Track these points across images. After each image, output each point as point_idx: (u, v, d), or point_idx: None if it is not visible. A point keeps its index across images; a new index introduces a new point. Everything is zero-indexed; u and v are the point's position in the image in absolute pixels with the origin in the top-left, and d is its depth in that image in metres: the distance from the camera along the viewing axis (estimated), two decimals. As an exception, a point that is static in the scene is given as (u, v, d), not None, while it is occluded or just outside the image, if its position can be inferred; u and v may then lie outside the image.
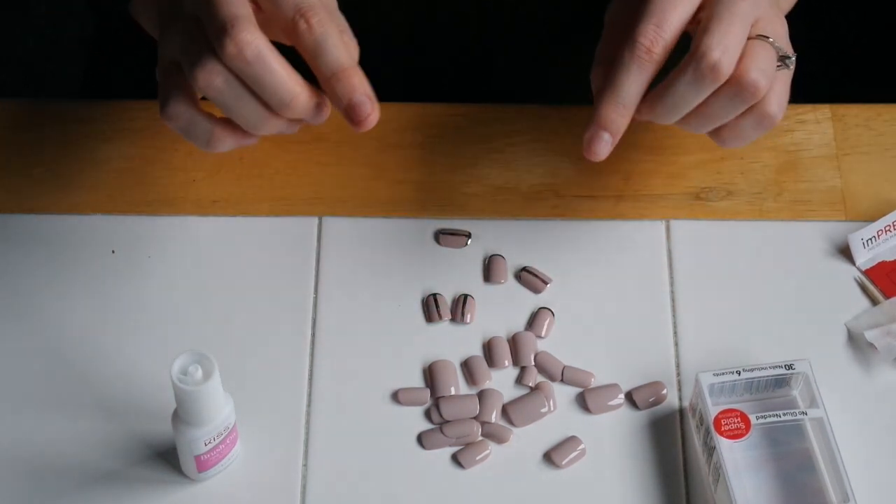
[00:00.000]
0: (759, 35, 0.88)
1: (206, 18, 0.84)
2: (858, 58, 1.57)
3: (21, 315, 0.97)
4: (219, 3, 0.84)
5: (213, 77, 0.84)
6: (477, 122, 1.07)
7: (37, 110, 1.07)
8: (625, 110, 0.88)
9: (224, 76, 0.84)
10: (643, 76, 0.88)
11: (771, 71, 0.88)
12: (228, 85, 0.84)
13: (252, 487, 0.91)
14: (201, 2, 0.85)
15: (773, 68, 0.89)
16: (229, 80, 0.84)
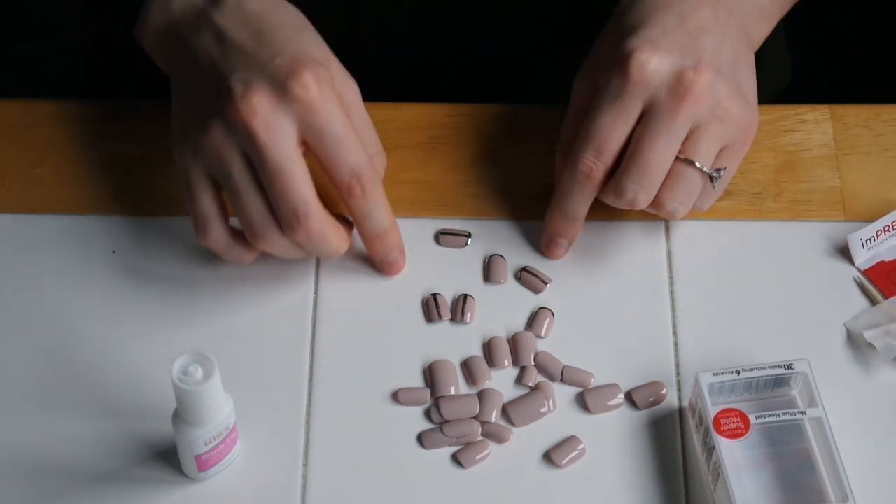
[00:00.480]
0: (686, 158, 0.94)
1: (271, 189, 0.91)
2: (858, 58, 1.57)
3: (21, 315, 0.97)
4: (286, 181, 0.90)
5: (274, 246, 0.93)
6: (477, 122, 1.07)
7: (37, 110, 1.07)
8: (574, 221, 0.98)
9: (285, 244, 0.93)
10: (586, 194, 0.96)
11: (690, 199, 0.95)
12: (286, 249, 0.94)
13: (252, 487, 0.91)
14: (255, 149, 0.91)
15: (694, 194, 0.95)
16: (288, 246, 0.94)
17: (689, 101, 0.92)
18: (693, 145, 0.94)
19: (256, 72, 0.91)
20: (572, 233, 0.98)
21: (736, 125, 0.94)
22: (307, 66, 0.91)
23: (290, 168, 0.90)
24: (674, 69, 0.93)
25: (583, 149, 0.94)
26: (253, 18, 0.95)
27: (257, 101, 0.90)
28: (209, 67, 0.94)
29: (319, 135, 0.91)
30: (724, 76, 0.94)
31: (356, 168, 0.92)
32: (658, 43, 0.93)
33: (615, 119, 0.93)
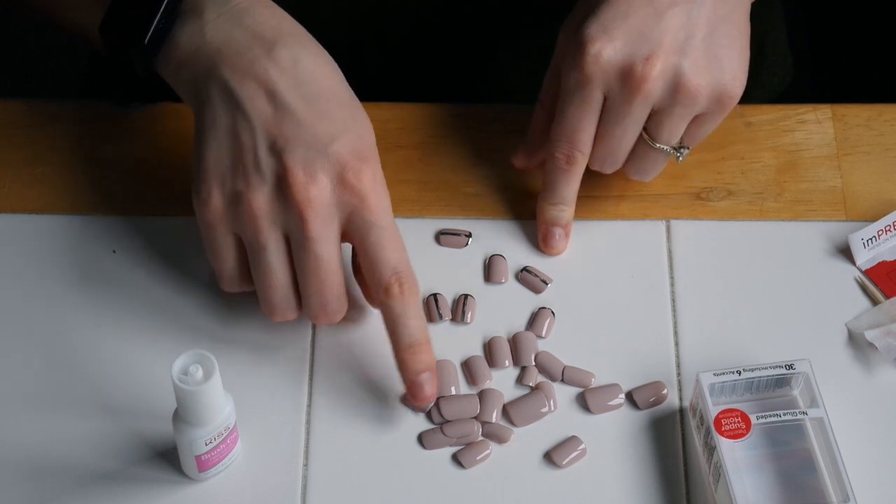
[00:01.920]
0: (648, 139, 0.97)
1: (306, 279, 0.91)
2: (859, 58, 1.57)
3: (21, 315, 0.97)
4: (326, 278, 0.91)
5: (286, 319, 0.94)
6: (477, 122, 1.07)
7: (37, 110, 1.07)
8: (565, 206, 0.99)
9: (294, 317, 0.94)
10: (570, 179, 0.98)
11: (656, 170, 0.99)
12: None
13: (252, 487, 0.91)
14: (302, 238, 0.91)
15: (659, 167, 0.99)
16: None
17: (640, 94, 0.94)
18: (655, 127, 0.96)
19: (314, 153, 0.90)
20: (564, 219, 0.99)
21: (705, 98, 0.95)
22: (367, 160, 0.91)
23: (333, 266, 0.91)
24: (625, 62, 0.94)
25: (557, 141, 0.97)
26: (308, 79, 0.91)
27: (316, 192, 0.89)
28: (259, 126, 0.91)
29: (368, 230, 0.91)
30: (689, 53, 0.94)
31: (398, 267, 0.91)
32: (613, 30, 0.94)
33: (579, 110, 0.96)
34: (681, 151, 0.98)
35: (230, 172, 0.91)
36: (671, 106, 0.95)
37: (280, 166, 0.90)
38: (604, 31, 0.94)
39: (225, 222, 0.92)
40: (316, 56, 0.92)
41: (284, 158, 0.90)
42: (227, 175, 0.91)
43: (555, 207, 0.99)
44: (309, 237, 0.90)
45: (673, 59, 0.94)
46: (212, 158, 0.92)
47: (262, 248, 0.91)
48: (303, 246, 0.90)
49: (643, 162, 0.98)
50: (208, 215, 0.92)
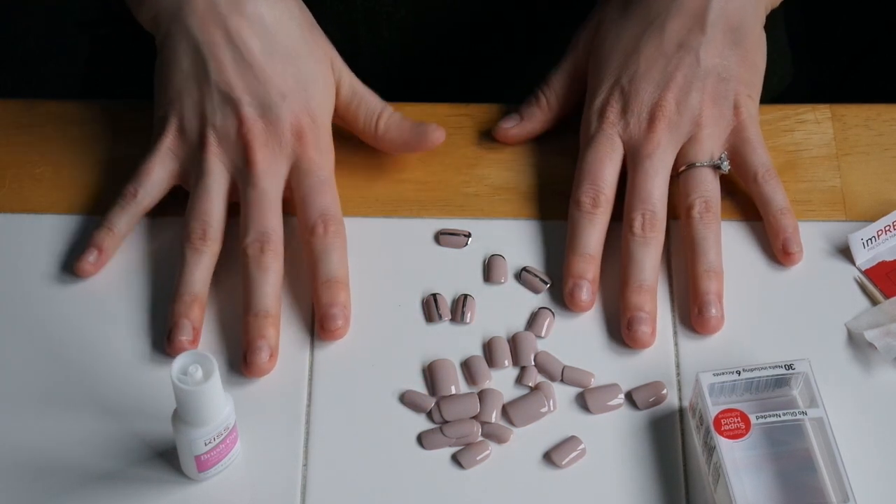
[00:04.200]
0: (687, 165, 0.99)
1: (247, 211, 0.97)
2: (859, 58, 1.57)
3: (21, 315, 0.97)
4: (265, 209, 0.97)
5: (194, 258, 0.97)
6: (477, 122, 1.07)
7: (37, 110, 1.07)
8: (591, 259, 0.98)
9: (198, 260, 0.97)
10: (595, 226, 0.98)
11: (711, 185, 0.99)
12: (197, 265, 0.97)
13: (252, 487, 0.91)
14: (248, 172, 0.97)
15: (714, 182, 1.00)
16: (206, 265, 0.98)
17: (654, 143, 0.99)
18: (685, 156, 1.00)
19: (267, 106, 0.98)
20: (592, 272, 0.98)
21: (729, 110, 1.00)
22: (315, 119, 0.99)
23: (273, 199, 0.97)
24: (641, 113, 0.99)
25: (580, 183, 1.00)
26: (271, 33, 0.99)
27: (264, 138, 0.98)
28: (217, 74, 0.98)
29: (304, 177, 0.97)
30: (700, 77, 0.99)
31: (327, 211, 0.97)
32: (630, 86, 1.00)
33: (600, 152, 0.99)
34: (723, 161, 1.00)
35: (189, 111, 0.98)
36: (696, 134, 1.00)
37: (234, 113, 0.97)
38: (619, 89, 1.00)
39: (175, 149, 0.99)
40: (282, 11, 0.99)
41: (239, 107, 0.97)
42: (184, 112, 0.98)
43: (582, 259, 0.98)
44: (254, 172, 0.97)
45: (681, 97, 0.99)
46: (172, 95, 0.99)
47: (205, 173, 0.97)
48: (248, 181, 0.97)
49: (697, 188, 0.99)
50: (162, 141, 0.99)
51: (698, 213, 0.98)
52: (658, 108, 0.99)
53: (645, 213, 0.97)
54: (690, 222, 0.98)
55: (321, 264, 0.96)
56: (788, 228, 0.98)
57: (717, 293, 0.96)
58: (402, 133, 1.01)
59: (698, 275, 0.97)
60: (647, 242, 0.97)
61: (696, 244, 0.97)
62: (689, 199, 0.98)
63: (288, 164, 0.98)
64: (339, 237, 0.97)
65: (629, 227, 0.98)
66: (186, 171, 0.99)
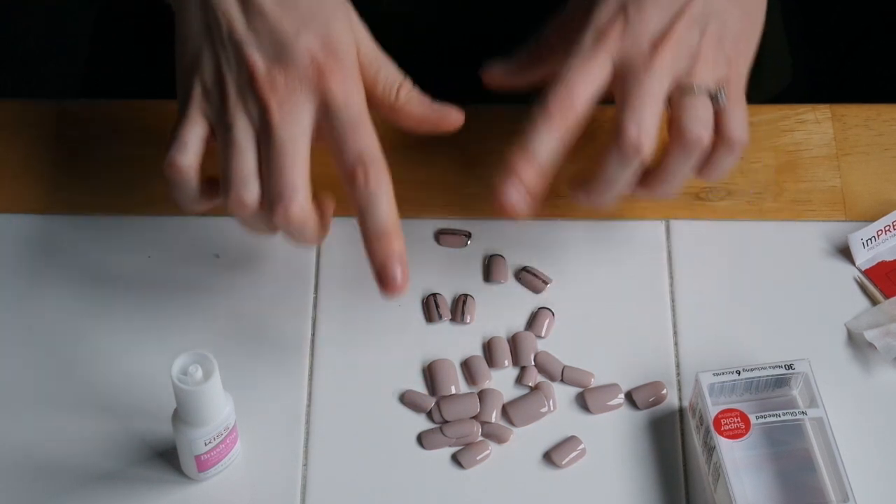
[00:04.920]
0: (682, 89, 0.92)
1: (268, 164, 0.89)
2: (859, 58, 1.57)
3: (21, 315, 0.97)
4: (285, 161, 0.89)
5: (244, 211, 0.90)
6: (477, 122, 1.07)
7: (37, 110, 1.07)
8: (534, 161, 0.91)
9: (254, 214, 0.90)
10: (551, 135, 0.91)
11: (705, 111, 0.92)
12: (254, 220, 0.91)
13: (252, 487, 0.91)
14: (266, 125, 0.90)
15: (708, 109, 0.93)
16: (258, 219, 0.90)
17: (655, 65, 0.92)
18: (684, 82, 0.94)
19: (280, 46, 0.90)
20: (530, 176, 0.92)
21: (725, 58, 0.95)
22: (335, 52, 0.91)
23: (293, 150, 0.90)
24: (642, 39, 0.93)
25: (554, 86, 0.93)
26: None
27: (279, 82, 0.90)
28: (225, 24, 0.92)
29: (333, 118, 0.90)
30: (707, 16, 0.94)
31: (363, 153, 0.90)
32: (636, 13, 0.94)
33: (589, 70, 0.93)
34: (721, 94, 0.94)
35: (207, 71, 0.92)
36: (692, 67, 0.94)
37: (245, 62, 0.90)
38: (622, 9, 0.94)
39: (201, 110, 0.92)
40: None
41: (247, 53, 0.91)
42: (204, 75, 0.92)
43: (524, 158, 0.92)
44: (270, 123, 0.90)
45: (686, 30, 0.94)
46: (190, 59, 0.93)
47: (230, 127, 0.90)
48: (265, 132, 0.90)
49: (692, 112, 0.92)
50: (190, 106, 0.92)
51: (687, 134, 0.92)
52: (664, 36, 0.93)
53: (640, 124, 0.91)
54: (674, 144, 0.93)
55: (368, 217, 0.90)
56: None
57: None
58: (423, 108, 0.95)
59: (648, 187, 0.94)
60: (626, 159, 0.91)
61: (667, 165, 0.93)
62: (682, 120, 0.92)
63: (312, 106, 0.90)
64: (381, 181, 0.90)
65: (615, 136, 0.91)
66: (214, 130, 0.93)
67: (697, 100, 0.93)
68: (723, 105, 0.94)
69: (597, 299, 0.99)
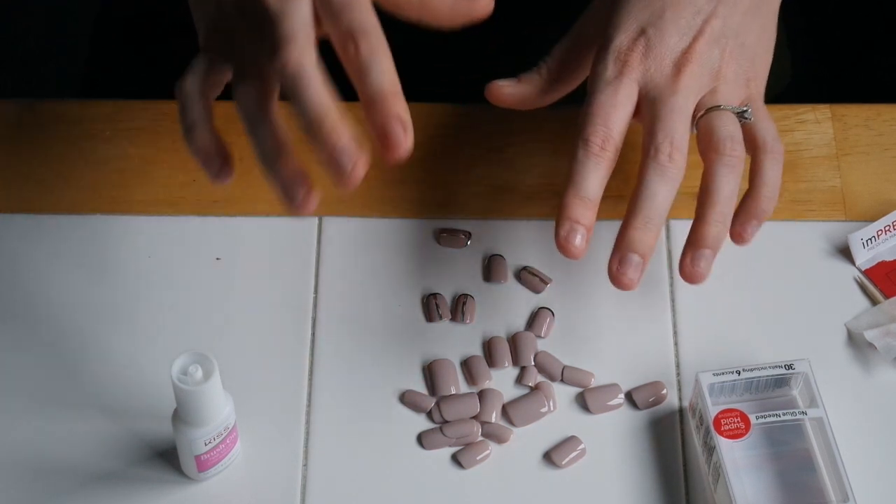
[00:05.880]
0: (708, 108, 0.93)
1: (268, 30, 0.85)
2: (859, 57, 1.57)
3: (21, 315, 0.97)
4: (280, 16, 0.85)
5: (247, 91, 0.86)
6: (477, 122, 1.07)
7: (37, 110, 1.07)
8: (591, 204, 0.91)
9: (255, 94, 0.85)
10: (600, 172, 0.91)
11: (735, 128, 0.93)
12: (256, 103, 0.86)
13: (252, 487, 0.91)
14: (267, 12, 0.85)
15: (737, 126, 0.94)
16: (258, 99, 0.85)
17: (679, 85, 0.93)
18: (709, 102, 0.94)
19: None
20: (589, 218, 0.91)
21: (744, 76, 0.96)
22: None
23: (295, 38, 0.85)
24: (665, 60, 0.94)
25: (589, 121, 0.93)
26: None
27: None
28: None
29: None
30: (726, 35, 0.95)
31: (353, 27, 0.85)
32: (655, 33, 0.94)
33: (613, 96, 0.93)
34: (748, 112, 0.95)
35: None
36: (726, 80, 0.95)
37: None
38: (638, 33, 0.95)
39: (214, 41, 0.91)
40: None
41: None
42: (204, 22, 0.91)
43: (581, 203, 0.90)
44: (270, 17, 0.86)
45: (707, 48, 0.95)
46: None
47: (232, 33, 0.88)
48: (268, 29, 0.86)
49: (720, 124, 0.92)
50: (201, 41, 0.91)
51: (722, 148, 0.92)
52: (685, 56, 0.94)
53: (672, 141, 0.91)
54: (713, 160, 0.92)
55: (362, 84, 0.85)
56: (763, 214, 0.94)
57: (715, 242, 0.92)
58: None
59: (706, 219, 0.92)
60: (665, 172, 0.91)
61: (712, 184, 0.92)
62: (713, 130, 0.93)
63: None
64: (377, 50, 0.85)
65: (648, 153, 0.91)
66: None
67: (724, 114, 0.94)
68: (750, 120, 0.95)
69: (597, 299, 0.99)
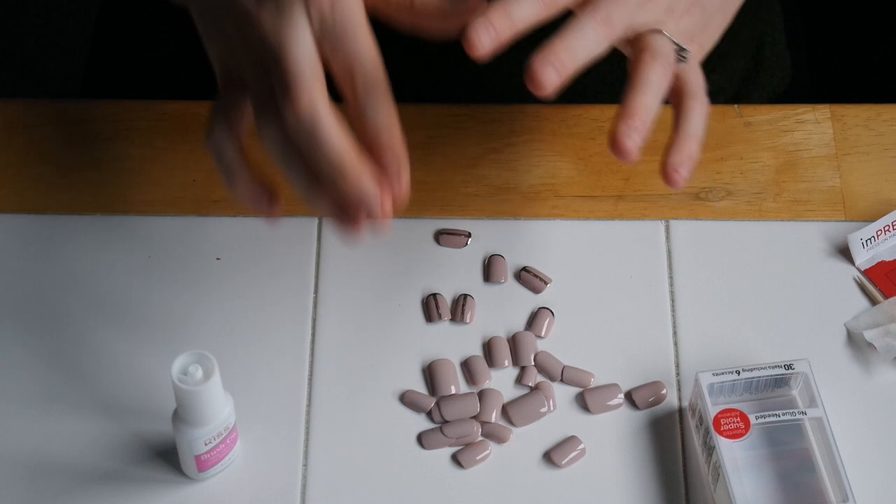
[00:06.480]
0: (653, 29, 0.88)
1: (273, 67, 0.84)
2: (858, 58, 1.57)
3: (21, 315, 0.97)
4: (281, 52, 0.83)
5: (270, 131, 0.84)
6: (477, 122, 1.07)
7: (37, 110, 1.07)
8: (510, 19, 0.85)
9: (279, 132, 0.84)
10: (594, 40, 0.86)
11: (672, 53, 0.88)
12: (282, 141, 0.84)
13: (252, 487, 0.91)
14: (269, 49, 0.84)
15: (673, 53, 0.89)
16: (284, 137, 0.84)
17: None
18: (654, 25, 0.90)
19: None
20: (502, 25, 0.86)
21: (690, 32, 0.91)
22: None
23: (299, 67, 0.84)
24: None
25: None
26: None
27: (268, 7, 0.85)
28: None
29: (323, 27, 0.84)
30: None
31: (351, 63, 0.84)
32: None
33: None
34: (686, 51, 0.90)
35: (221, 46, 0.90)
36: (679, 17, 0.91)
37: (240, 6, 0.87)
38: None
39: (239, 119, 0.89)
40: None
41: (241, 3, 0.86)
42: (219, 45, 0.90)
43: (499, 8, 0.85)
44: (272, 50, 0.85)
45: None
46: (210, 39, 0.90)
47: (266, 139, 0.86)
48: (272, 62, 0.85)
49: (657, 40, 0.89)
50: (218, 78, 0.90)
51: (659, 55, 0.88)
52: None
53: (610, 17, 0.86)
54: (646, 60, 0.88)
55: (358, 120, 0.84)
56: (692, 157, 0.89)
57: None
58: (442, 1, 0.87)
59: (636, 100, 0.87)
60: (597, 27, 0.86)
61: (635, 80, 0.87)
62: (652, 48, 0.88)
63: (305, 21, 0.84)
64: (374, 88, 0.84)
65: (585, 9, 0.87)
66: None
67: (665, 40, 0.89)
68: (686, 61, 0.90)
69: (597, 299, 0.99)
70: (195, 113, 1.05)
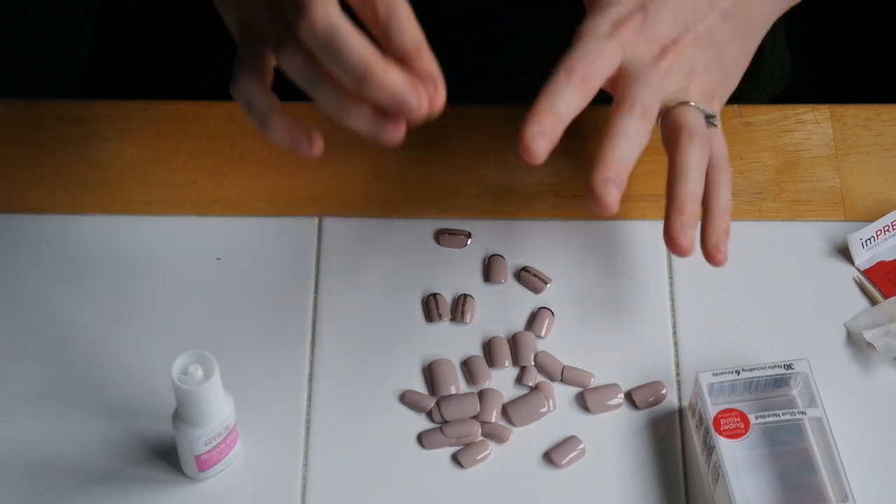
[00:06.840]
0: (680, 102, 0.92)
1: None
2: (858, 58, 1.57)
3: (21, 315, 0.97)
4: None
5: (292, 59, 0.84)
6: (477, 122, 1.07)
7: (37, 110, 1.07)
8: (560, 119, 0.88)
9: (302, 58, 0.83)
10: (575, 100, 0.89)
11: (704, 126, 0.92)
12: (306, 66, 0.83)
13: (252, 487, 0.91)
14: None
15: (705, 126, 0.92)
16: (307, 61, 0.83)
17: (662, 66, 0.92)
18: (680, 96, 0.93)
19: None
20: (556, 131, 0.88)
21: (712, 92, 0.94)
22: None
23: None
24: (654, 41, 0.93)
25: (576, 58, 0.91)
26: None
27: None
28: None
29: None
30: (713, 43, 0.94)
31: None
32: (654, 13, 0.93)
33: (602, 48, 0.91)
34: (714, 118, 0.93)
35: None
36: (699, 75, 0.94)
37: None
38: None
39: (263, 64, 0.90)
40: None
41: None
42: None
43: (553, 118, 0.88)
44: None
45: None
46: None
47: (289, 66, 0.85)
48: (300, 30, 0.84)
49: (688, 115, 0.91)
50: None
51: (694, 134, 0.91)
52: (672, 46, 0.92)
53: (645, 108, 0.89)
54: (684, 143, 0.91)
55: (384, 44, 0.84)
56: (727, 229, 0.92)
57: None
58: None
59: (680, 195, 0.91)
60: (637, 124, 0.89)
61: (683, 162, 0.90)
62: (687, 126, 0.91)
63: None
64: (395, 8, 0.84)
65: (622, 107, 0.90)
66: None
67: (695, 111, 0.92)
68: (715, 127, 0.94)
69: (597, 299, 0.99)
70: (195, 113, 1.05)
